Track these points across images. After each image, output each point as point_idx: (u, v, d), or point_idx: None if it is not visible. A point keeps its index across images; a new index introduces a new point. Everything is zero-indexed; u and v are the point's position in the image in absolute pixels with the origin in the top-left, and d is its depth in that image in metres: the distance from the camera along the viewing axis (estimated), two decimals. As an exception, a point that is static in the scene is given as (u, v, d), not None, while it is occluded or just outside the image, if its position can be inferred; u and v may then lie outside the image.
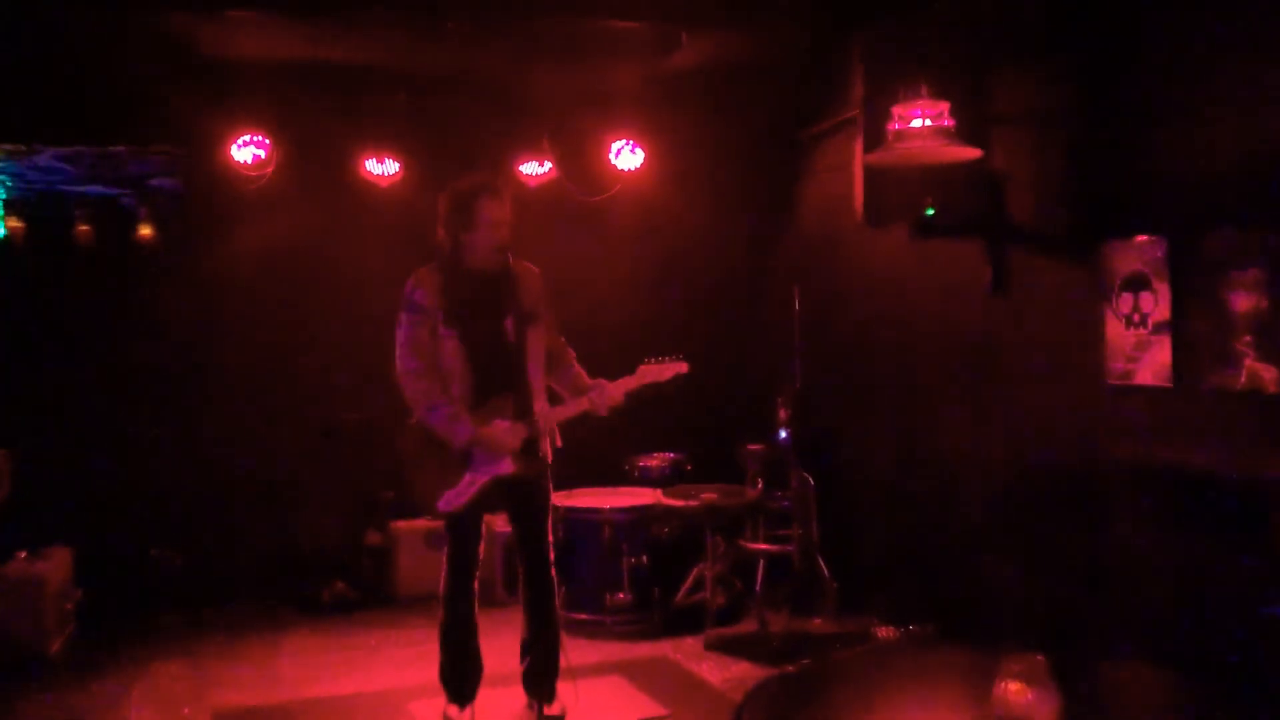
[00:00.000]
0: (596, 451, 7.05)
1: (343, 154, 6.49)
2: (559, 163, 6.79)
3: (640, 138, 6.86)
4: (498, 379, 4.40)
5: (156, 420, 6.54)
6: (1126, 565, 4.26)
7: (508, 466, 4.41)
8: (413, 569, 6.76)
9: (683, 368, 4.54)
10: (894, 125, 3.52)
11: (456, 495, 4.42)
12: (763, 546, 6.28)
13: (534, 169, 6.82)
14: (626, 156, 6.89)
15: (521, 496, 4.59)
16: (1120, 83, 4.35)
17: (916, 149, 3.68)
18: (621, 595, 6.00)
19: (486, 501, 4.50)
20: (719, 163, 7.12)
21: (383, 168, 6.52)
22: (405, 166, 6.56)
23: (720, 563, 6.10)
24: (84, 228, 6.36)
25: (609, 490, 6.50)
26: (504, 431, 4.35)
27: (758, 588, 6.10)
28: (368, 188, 6.57)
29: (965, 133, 4.74)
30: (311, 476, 6.83)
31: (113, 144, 6.24)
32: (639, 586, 6.04)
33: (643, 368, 4.54)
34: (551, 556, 4.70)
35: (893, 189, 4.74)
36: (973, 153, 3.63)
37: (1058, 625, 4.64)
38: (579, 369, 4.65)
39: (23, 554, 5.78)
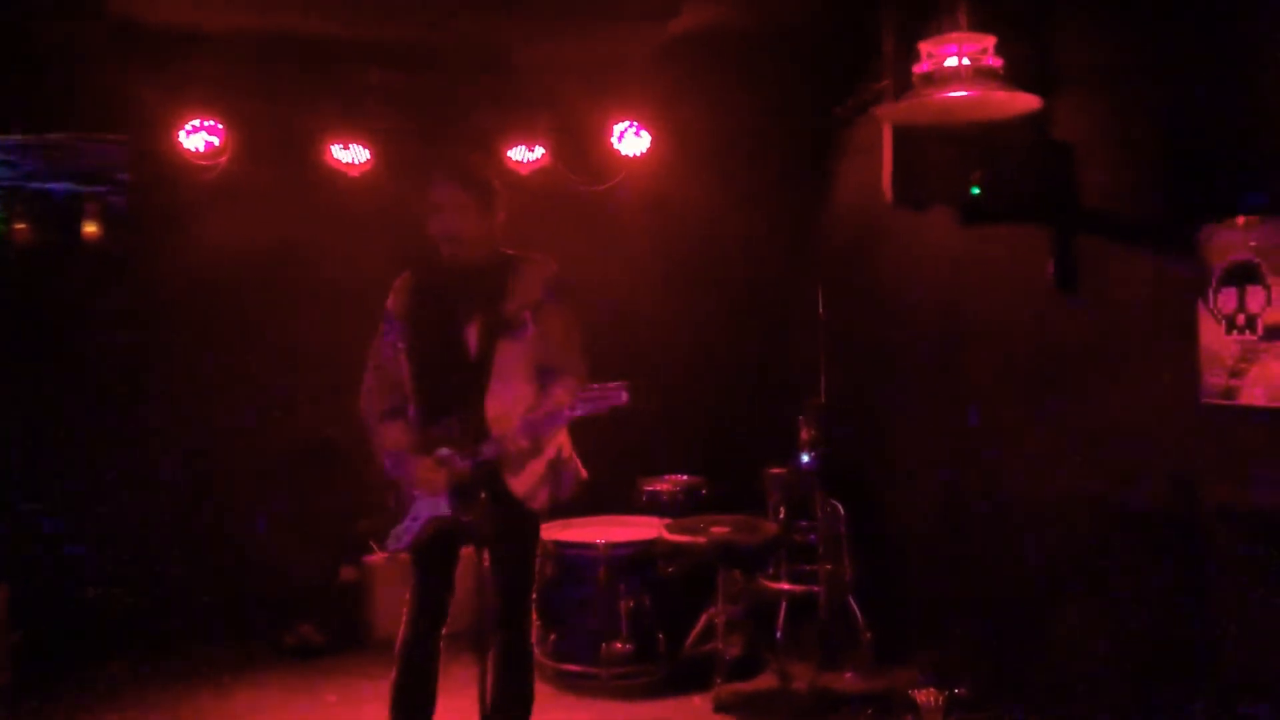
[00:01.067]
0: (601, 474, 6.30)
1: (307, 140, 5.74)
2: (554, 147, 5.99)
3: (646, 119, 6.04)
4: (445, 399, 3.61)
5: (101, 441, 5.82)
6: (1228, 636, 3.34)
7: (443, 508, 3.62)
8: (390, 609, 5.93)
9: (622, 398, 3.47)
10: (923, 66, 2.62)
11: (400, 535, 3.70)
12: (785, 586, 5.43)
13: (525, 155, 6.00)
14: (631, 140, 6.07)
15: (496, 551, 3.80)
16: (1226, 21, 3.43)
17: (952, 101, 2.75)
18: (619, 644, 5.16)
19: (446, 541, 3.72)
20: (737, 147, 6.22)
21: (351, 154, 5.77)
22: (377, 153, 5.80)
23: (734, 606, 5.25)
24: (20, 226, 5.67)
25: (610, 520, 5.67)
26: (422, 468, 3.58)
27: (779, 635, 5.26)
28: (336, 177, 5.82)
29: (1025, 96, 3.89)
30: (279, 503, 6.08)
31: (47, 131, 5.55)
32: (640, 634, 5.20)
33: (580, 394, 3.47)
34: (528, 622, 3.90)
35: (931, 162, 3.85)
36: (1029, 101, 2.73)
37: (1141, 700, 3.73)
38: (545, 401, 3.69)
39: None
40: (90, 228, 5.75)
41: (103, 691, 5.32)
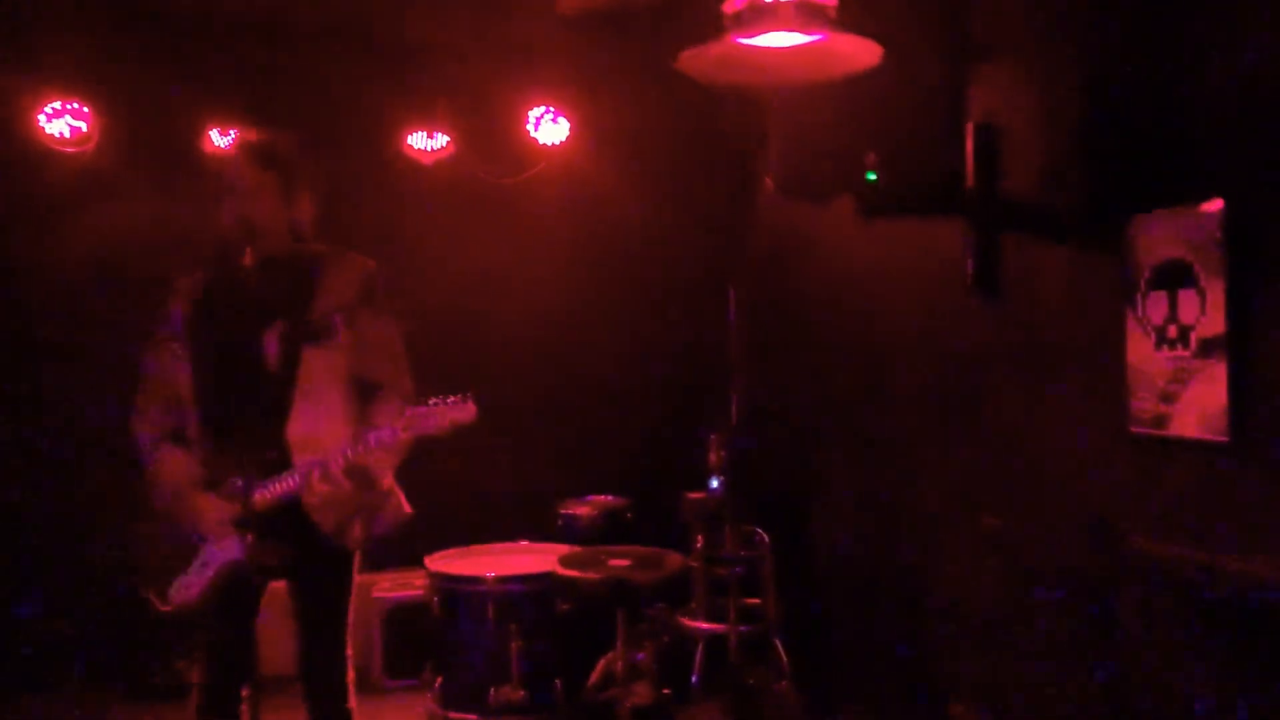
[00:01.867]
0: (516, 492, 5.78)
1: (185, 126, 5.20)
2: (461, 134, 5.43)
3: (564, 105, 5.49)
4: (236, 419, 3.06)
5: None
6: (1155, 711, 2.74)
7: (235, 551, 3.06)
8: (276, 642, 5.41)
9: (467, 413, 3.05)
10: (734, 2, 2.03)
11: (187, 584, 3.13)
12: (702, 625, 4.85)
13: (427, 143, 5.44)
14: (548, 128, 5.52)
15: (292, 594, 3.28)
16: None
17: (762, 53, 2.12)
18: (510, 690, 4.60)
19: (243, 589, 3.17)
20: (663, 133, 5.64)
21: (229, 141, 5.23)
22: (262, 140, 5.26)
23: (638, 649, 4.67)
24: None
25: (507, 549, 5.11)
26: (209, 505, 3.03)
27: (695, 680, 4.69)
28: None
29: (934, 66, 3.31)
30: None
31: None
32: (535, 678, 4.63)
33: (410, 413, 3.03)
34: (348, 677, 3.37)
35: (824, 145, 3.27)
36: (868, 52, 2.15)
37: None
38: (369, 424, 3.18)
39: None
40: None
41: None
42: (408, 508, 3.37)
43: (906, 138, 3.22)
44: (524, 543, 5.22)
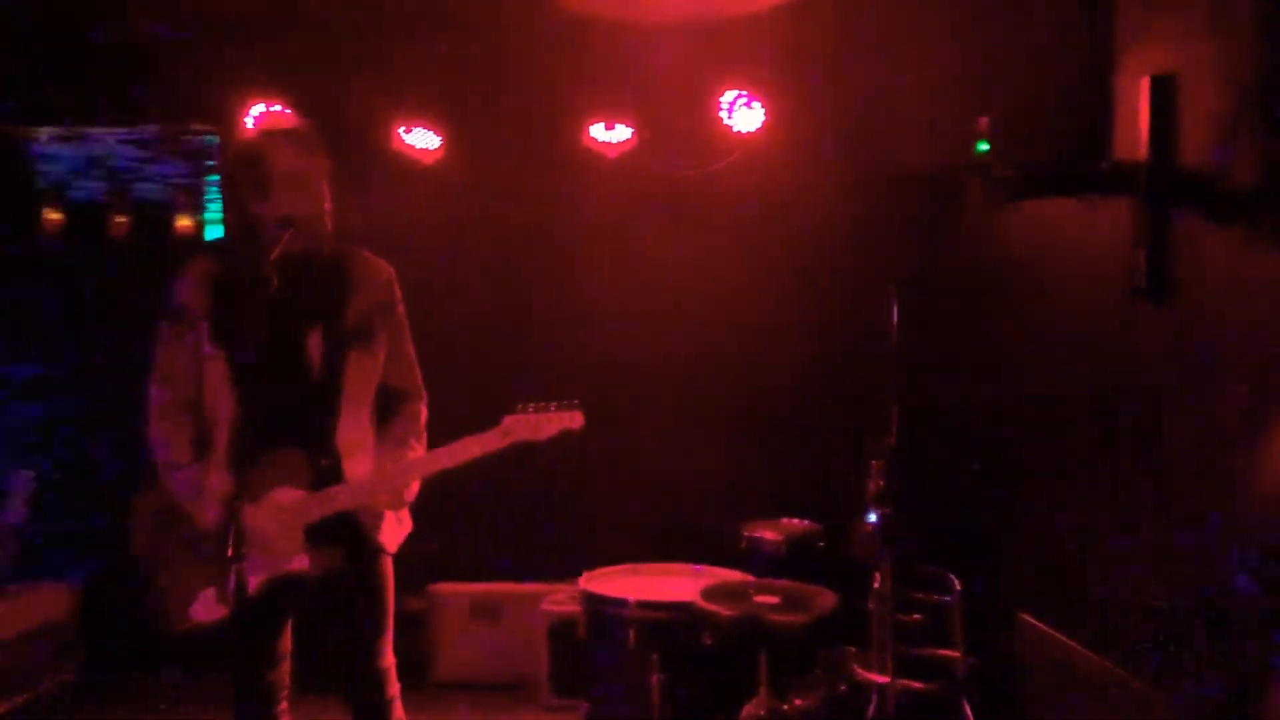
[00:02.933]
0: (694, 510, 5.34)
1: (376, 124, 5.22)
2: (647, 124, 5.09)
3: (759, 88, 5.00)
4: (282, 425, 2.91)
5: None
6: None
7: (295, 561, 2.93)
8: (454, 646, 5.38)
9: (574, 420, 2.91)
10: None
11: (218, 600, 2.95)
12: (876, 677, 4.21)
13: (611, 134, 5.13)
14: (743, 114, 5.06)
15: (326, 599, 3.09)
16: None
17: None
18: (649, 728, 4.21)
19: (280, 603, 3.04)
20: (865, 120, 4.96)
21: (422, 140, 5.19)
22: (449, 138, 5.19)
23: (797, 696, 4.14)
24: (120, 219, 5.62)
25: (678, 570, 4.71)
26: (256, 516, 2.86)
27: (865, 741, 4.09)
28: (408, 165, 5.27)
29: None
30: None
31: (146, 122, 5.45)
32: (679, 715, 4.22)
33: (509, 420, 2.92)
34: (390, 689, 3.17)
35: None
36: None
37: None
38: (414, 432, 3.09)
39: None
40: (184, 222, 5.60)
41: (161, 696, 5.16)
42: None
43: (1034, 99, 2.52)
44: (700, 566, 4.81)
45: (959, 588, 4.17)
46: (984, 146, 2.49)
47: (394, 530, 3.14)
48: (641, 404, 5.34)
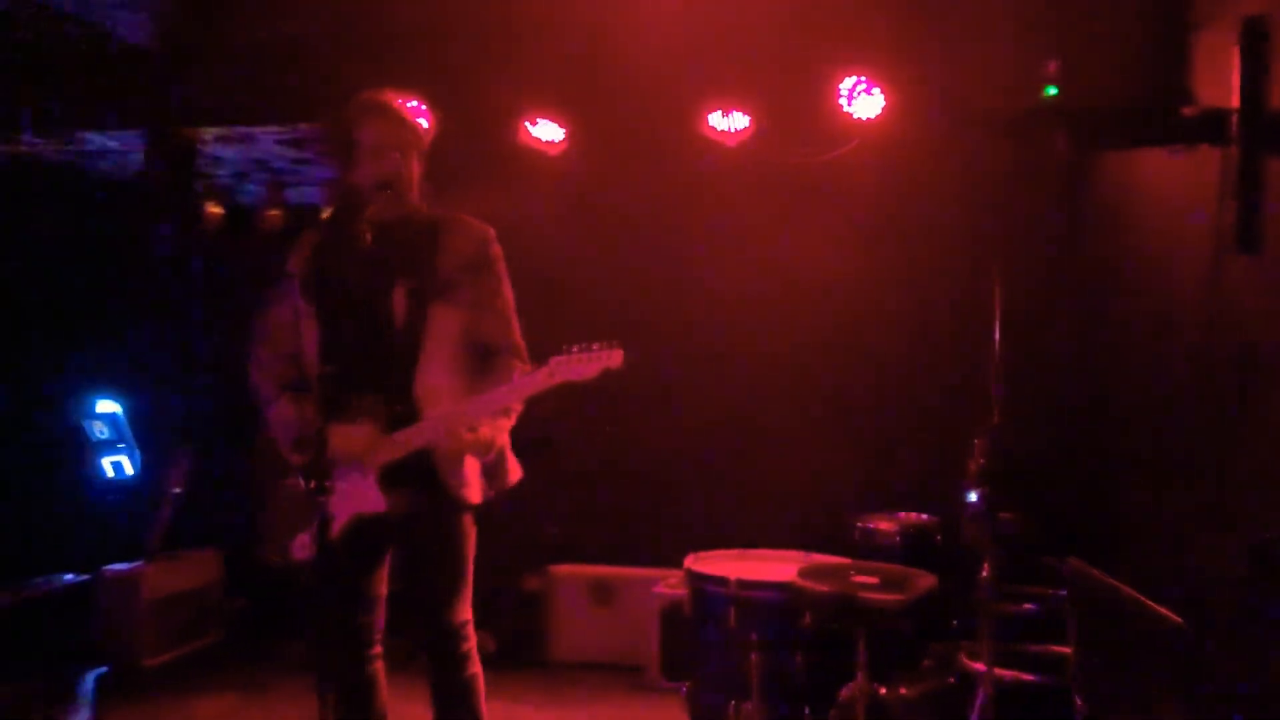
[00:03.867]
0: (807, 499, 5.28)
1: (504, 118, 5.41)
2: (764, 112, 5.11)
3: (878, 73, 4.96)
4: (364, 373, 3.08)
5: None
6: None
7: (372, 501, 3.08)
8: (570, 627, 5.49)
9: (614, 358, 2.90)
10: None
11: (310, 540, 3.12)
12: (980, 668, 4.08)
13: (729, 122, 5.18)
14: (863, 101, 5.02)
15: (405, 546, 3.23)
16: None
17: None
18: (749, 706, 4.20)
19: (369, 542, 3.19)
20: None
21: (548, 132, 5.36)
22: (572, 130, 5.34)
23: (898, 682, 4.06)
24: (274, 212, 6.00)
25: (771, 556, 4.69)
26: (348, 455, 3.04)
27: (970, 733, 3.97)
28: (534, 157, 5.44)
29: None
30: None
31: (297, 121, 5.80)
32: (778, 697, 4.19)
33: (554, 360, 2.95)
34: (465, 645, 3.25)
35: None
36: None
37: None
38: (499, 384, 3.14)
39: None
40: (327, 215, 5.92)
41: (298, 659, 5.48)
42: (519, 472, 3.32)
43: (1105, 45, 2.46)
44: (815, 556, 4.78)
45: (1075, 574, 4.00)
46: (1052, 91, 2.42)
47: (475, 482, 3.18)
48: (757, 392, 5.36)
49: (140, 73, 5.71)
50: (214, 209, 6.06)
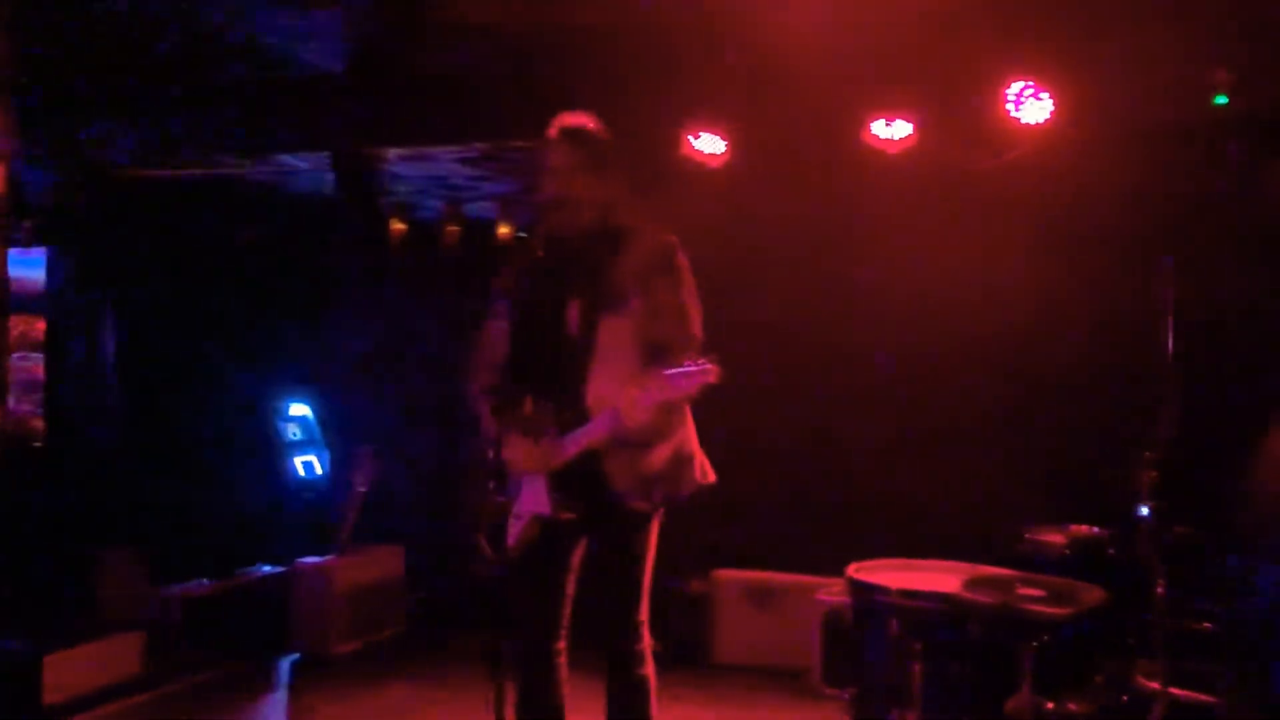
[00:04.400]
0: (972, 511, 5.20)
1: (667, 132, 5.55)
2: (929, 118, 5.09)
3: (1046, 78, 4.88)
4: (541, 381, 3.29)
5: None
6: None
7: (545, 504, 3.26)
8: (732, 630, 5.59)
9: (710, 375, 2.94)
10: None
11: (510, 535, 3.34)
12: (1155, 687, 3.98)
13: (891, 130, 5.17)
14: (1030, 106, 4.95)
15: (588, 546, 3.40)
16: None
17: None
18: (912, 717, 4.20)
19: (553, 541, 3.35)
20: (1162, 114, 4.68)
21: (710, 145, 5.47)
22: (734, 142, 5.43)
23: (1068, 703, 3.98)
24: (452, 228, 6.32)
25: (936, 567, 4.65)
26: (521, 458, 3.26)
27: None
28: (697, 169, 5.56)
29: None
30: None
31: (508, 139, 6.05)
32: (942, 707, 4.18)
33: (657, 374, 3.00)
34: (638, 645, 3.39)
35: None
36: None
37: None
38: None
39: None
40: (504, 229, 6.21)
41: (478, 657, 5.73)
42: (711, 475, 3.42)
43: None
44: (981, 567, 4.73)
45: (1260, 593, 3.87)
46: (1222, 99, 2.38)
47: (648, 486, 3.27)
48: (924, 402, 5.33)
49: (328, 98, 6.11)
50: (398, 224, 6.42)
